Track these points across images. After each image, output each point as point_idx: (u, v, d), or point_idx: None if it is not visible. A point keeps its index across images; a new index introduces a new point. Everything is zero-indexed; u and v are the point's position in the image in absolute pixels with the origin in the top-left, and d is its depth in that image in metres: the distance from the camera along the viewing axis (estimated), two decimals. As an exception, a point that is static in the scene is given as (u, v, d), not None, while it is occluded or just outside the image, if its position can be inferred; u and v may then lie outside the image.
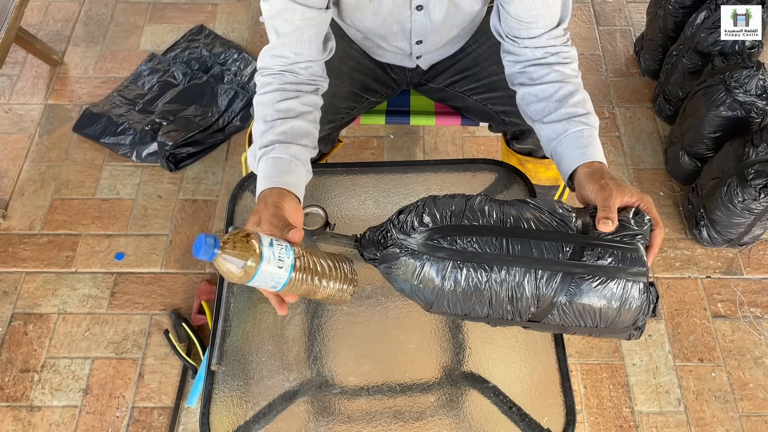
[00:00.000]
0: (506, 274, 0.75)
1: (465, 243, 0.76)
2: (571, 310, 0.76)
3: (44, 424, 1.49)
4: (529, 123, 1.04)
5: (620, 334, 0.80)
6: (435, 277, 0.77)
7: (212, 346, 0.94)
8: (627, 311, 0.76)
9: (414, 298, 0.81)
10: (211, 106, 1.98)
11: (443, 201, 0.81)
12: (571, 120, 0.95)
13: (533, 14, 0.98)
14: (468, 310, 0.79)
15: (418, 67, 1.28)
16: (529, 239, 0.76)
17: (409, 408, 0.91)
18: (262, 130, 0.95)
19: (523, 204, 0.81)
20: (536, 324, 0.80)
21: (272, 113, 0.96)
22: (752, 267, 1.73)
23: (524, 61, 1.02)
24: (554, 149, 0.96)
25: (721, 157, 1.65)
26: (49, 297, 1.67)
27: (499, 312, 0.78)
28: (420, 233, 0.78)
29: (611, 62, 2.19)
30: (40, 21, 2.29)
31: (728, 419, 1.50)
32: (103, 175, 1.90)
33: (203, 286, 1.65)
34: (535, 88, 1.00)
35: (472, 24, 1.21)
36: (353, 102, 1.26)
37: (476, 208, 0.79)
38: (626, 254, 0.76)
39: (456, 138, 1.99)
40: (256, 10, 2.29)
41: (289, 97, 0.97)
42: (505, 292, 0.76)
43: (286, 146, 0.92)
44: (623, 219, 0.79)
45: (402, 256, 0.78)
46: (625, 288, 0.75)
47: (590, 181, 0.86)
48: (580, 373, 1.56)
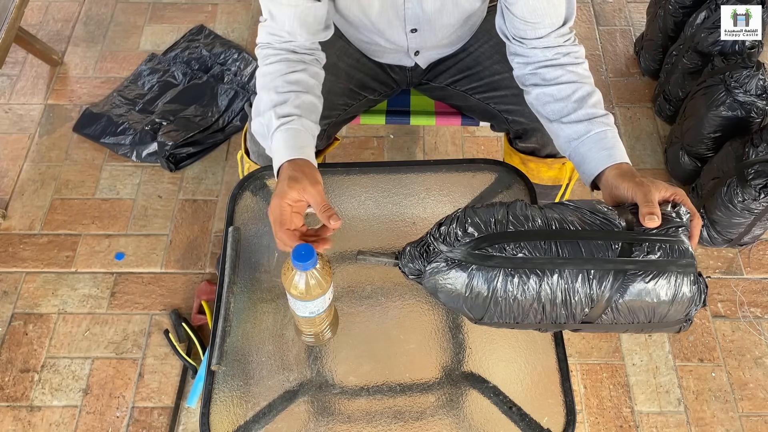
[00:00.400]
0: (558, 278, 0.75)
1: (514, 249, 0.75)
2: (625, 308, 0.76)
3: (44, 424, 1.49)
4: (544, 122, 1.04)
5: (671, 327, 0.80)
6: (486, 287, 0.76)
7: (212, 346, 0.94)
8: (679, 304, 0.76)
9: (463, 311, 0.80)
10: (211, 106, 1.98)
11: (484, 210, 0.80)
12: (593, 121, 0.95)
13: (539, 14, 0.98)
14: (521, 318, 0.78)
15: (417, 67, 1.28)
16: (578, 240, 0.76)
17: (409, 408, 0.91)
18: (276, 101, 0.97)
19: (563, 206, 0.81)
20: (589, 325, 0.79)
21: (283, 84, 0.98)
22: (752, 267, 1.73)
23: (535, 62, 1.02)
24: (575, 149, 0.96)
25: (721, 157, 1.65)
26: (49, 297, 1.67)
27: (553, 316, 0.77)
28: (465, 243, 0.77)
29: (611, 62, 2.19)
30: (40, 21, 2.29)
31: (728, 419, 1.50)
32: (103, 175, 1.90)
33: (203, 286, 1.65)
34: (551, 88, 1.00)
35: (470, 21, 1.21)
36: (350, 99, 1.26)
37: (519, 214, 0.79)
38: (674, 247, 0.76)
39: (456, 138, 1.99)
40: (256, 10, 2.29)
41: (295, 69, 1.00)
42: (559, 295, 0.75)
43: (302, 120, 0.96)
44: (664, 213, 0.79)
45: (450, 268, 0.77)
46: (676, 281, 0.75)
47: (624, 180, 0.86)
48: (580, 373, 1.56)
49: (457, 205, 1.10)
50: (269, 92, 0.98)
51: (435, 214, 1.09)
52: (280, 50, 1.02)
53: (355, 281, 1.03)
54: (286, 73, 0.99)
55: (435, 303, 1.00)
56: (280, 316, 0.99)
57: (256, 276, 1.03)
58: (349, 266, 1.06)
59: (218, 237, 1.78)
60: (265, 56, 1.03)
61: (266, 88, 0.99)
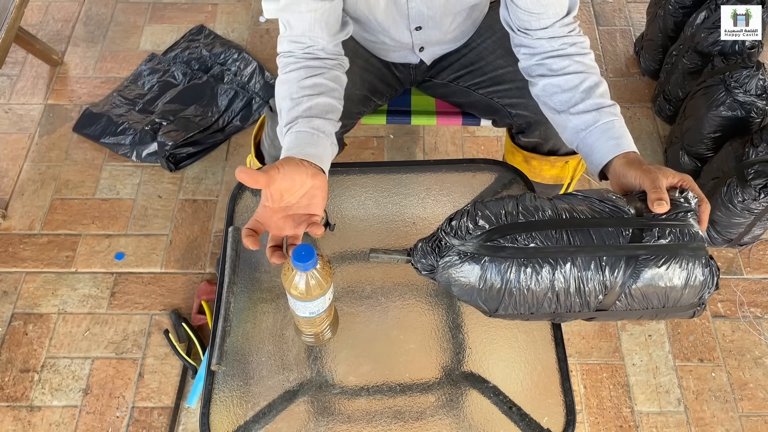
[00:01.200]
0: (571, 266, 0.75)
1: (526, 239, 0.76)
2: (638, 293, 0.76)
3: (44, 424, 1.49)
4: (551, 114, 1.04)
5: (685, 312, 0.80)
6: (499, 278, 0.76)
7: (212, 346, 0.94)
8: (692, 287, 0.76)
9: (477, 304, 0.80)
10: (211, 106, 1.98)
11: (494, 203, 0.80)
12: (600, 111, 0.95)
13: (542, 4, 0.99)
14: (535, 308, 0.78)
15: (422, 63, 1.28)
16: (588, 228, 0.76)
17: (409, 408, 0.91)
18: (288, 107, 0.96)
19: (571, 196, 0.81)
20: (603, 313, 0.79)
21: (297, 90, 0.97)
22: (752, 267, 1.73)
23: (541, 53, 1.02)
24: (583, 140, 0.96)
25: (721, 157, 1.65)
26: (49, 297, 1.67)
27: (567, 305, 0.78)
28: (477, 236, 0.77)
29: (611, 62, 2.19)
30: (40, 21, 2.29)
31: (728, 419, 1.50)
32: (103, 175, 1.91)
33: (203, 286, 1.65)
34: (558, 79, 1.00)
35: (473, 16, 1.21)
36: (363, 106, 1.26)
37: (529, 206, 0.79)
38: (684, 231, 0.76)
39: (456, 138, 1.99)
40: (256, 10, 2.29)
41: (314, 74, 0.99)
42: (573, 283, 0.76)
43: (309, 120, 0.93)
44: (673, 198, 0.80)
45: (463, 262, 0.77)
46: (688, 264, 0.75)
47: (631, 168, 0.86)
48: (580, 373, 1.56)
49: (457, 205, 1.11)
50: (285, 100, 0.98)
51: (435, 214, 1.09)
52: (300, 58, 1.01)
53: (355, 281, 1.03)
54: (303, 79, 0.98)
55: (435, 303, 1.01)
56: (280, 316, 0.99)
57: (256, 276, 1.03)
58: (349, 266, 1.06)
59: (218, 237, 1.78)
60: (285, 65, 1.02)
61: (283, 96, 0.99)
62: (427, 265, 0.82)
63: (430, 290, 1.02)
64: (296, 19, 1.00)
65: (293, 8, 0.99)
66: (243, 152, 1.95)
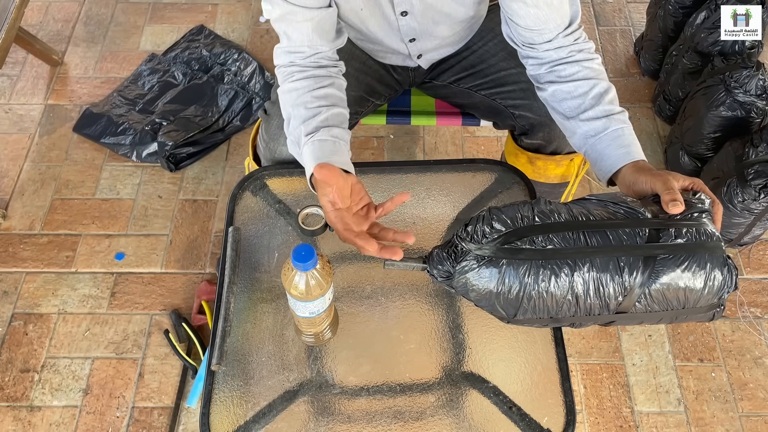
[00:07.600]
0: (590, 267, 0.75)
1: (543, 241, 0.75)
2: (658, 294, 0.76)
3: (44, 424, 1.49)
4: (559, 119, 1.04)
5: (705, 313, 0.79)
6: (518, 281, 0.75)
7: (212, 346, 0.94)
8: (711, 287, 0.76)
9: (495, 310, 0.79)
10: (211, 106, 1.98)
11: (509, 207, 0.80)
12: (610, 118, 0.96)
13: (541, 20, 0.99)
14: (554, 312, 0.78)
15: (420, 67, 1.28)
16: (605, 229, 0.76)
17: (409, 408, 0.91)
18: (304, 116, 0.98)
19: (585, 200, 0.82)
20: (623, 316, 0.79)
21: (312, 100, 0.99)
22: (752, 267, 1.73)
23: (549, 62, 1.03)
24: (592, 146, 0.97)
25: (721, 157, 1.65)
26: (49, 297, 1.67)
27: (586, 308, 0.77)
28: (494, 239, 0.76)
29: (611, 62, 2.19)
30: (40, 21, 2.29)
31: (728, 419, 1.50)
32: (103, 175, 1.91)
33: (203, 286, 1.65)
34: (567, 85, 1.00)
35: (469, 27, 1.21)
36: (360, 107, 1.26)
37: (545, 209, 0.79)
38: (700, 230, 0.76)
39: (456, 138, 1.99)
40: (256, 10, 2.29)
41: (323, 85, 1.01)
42: (592, 285, 0.75)
43: (329, 129, 0.97)
44: (686, 199, 0.80)
45: (480, 266, 0.77)
46: (706, 263, 0.75)
47: (642, 174, 0.87)
48: (580, 373, 1.56)
49: (457, 205, 1.11)
50: (298, 108, 0.99)
51: (435, 214, 1.09)
52: (305, 66, 1.02)
53: (355, 281, 1.03)
54: (315, 89, 1.00)
55: (435, 303, 1.01)
56: (280, 316, 0.99)
57: (256, 276, 1.03)
58: (349, 266, 1.06)
59: (218, 237, 1.78)
60: (289, 73, 1.02)
61: (294, 104, 1.00)
62: (443, 271, 0.81)
63: (430, 290, 1.02)
64: (294, 29, 1.01)
65: (290, 18, 1.00)
66: (243, 152, 1.95)
